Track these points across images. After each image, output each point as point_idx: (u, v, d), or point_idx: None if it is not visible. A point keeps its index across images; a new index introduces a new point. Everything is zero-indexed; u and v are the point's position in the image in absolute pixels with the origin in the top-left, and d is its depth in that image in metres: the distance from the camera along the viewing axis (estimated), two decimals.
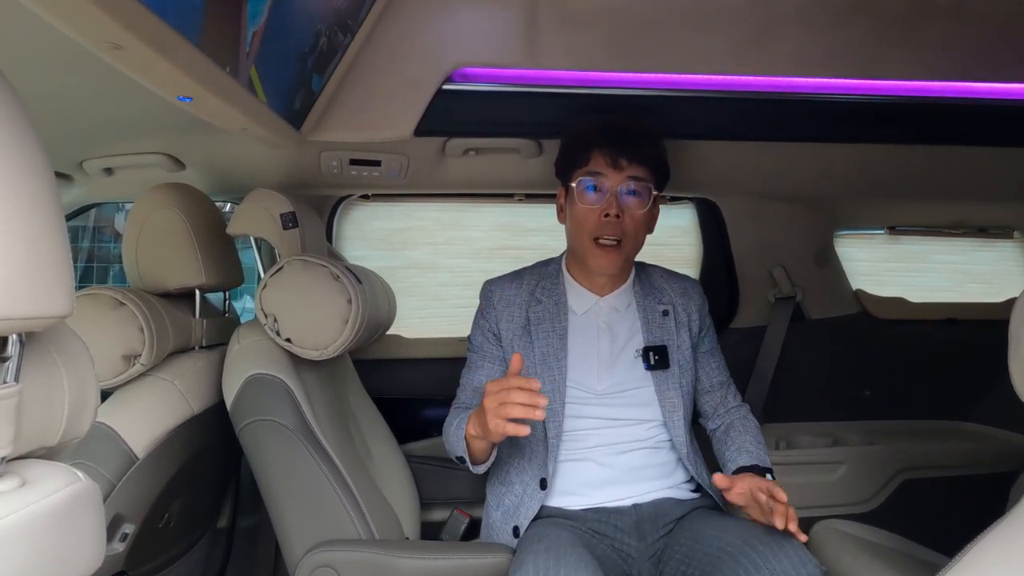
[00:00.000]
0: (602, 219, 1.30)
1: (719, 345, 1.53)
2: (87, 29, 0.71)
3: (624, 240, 1.32)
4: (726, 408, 1.47)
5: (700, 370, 1.47)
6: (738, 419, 1.44)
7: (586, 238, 1.33)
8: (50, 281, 0.51)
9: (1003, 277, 2.20)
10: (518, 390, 1.07)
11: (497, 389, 1.09)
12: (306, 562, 1.18)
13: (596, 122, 1.35)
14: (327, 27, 1.16)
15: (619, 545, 1.27)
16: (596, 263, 1.34)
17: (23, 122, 0.50)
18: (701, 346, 1.47)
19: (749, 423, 1.43)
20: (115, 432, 1.16)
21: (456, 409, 1.39)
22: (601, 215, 1.30)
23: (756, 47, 1.36)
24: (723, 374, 1.50)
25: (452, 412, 1.38)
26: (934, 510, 1.84)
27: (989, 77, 1.42)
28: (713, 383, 1.48)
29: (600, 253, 1.32)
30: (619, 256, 1.34)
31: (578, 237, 1.35)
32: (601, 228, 1.31)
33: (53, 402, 0.57)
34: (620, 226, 1.31)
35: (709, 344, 1.49)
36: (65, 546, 0.55)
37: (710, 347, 1.49)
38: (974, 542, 0.71)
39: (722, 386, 1.48)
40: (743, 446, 1.36)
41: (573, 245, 1.40)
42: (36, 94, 1.13)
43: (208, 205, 1.47)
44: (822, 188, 1.82)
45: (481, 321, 1.45)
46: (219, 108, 1.02)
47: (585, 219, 1.33)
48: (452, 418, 1.35)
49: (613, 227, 1.30)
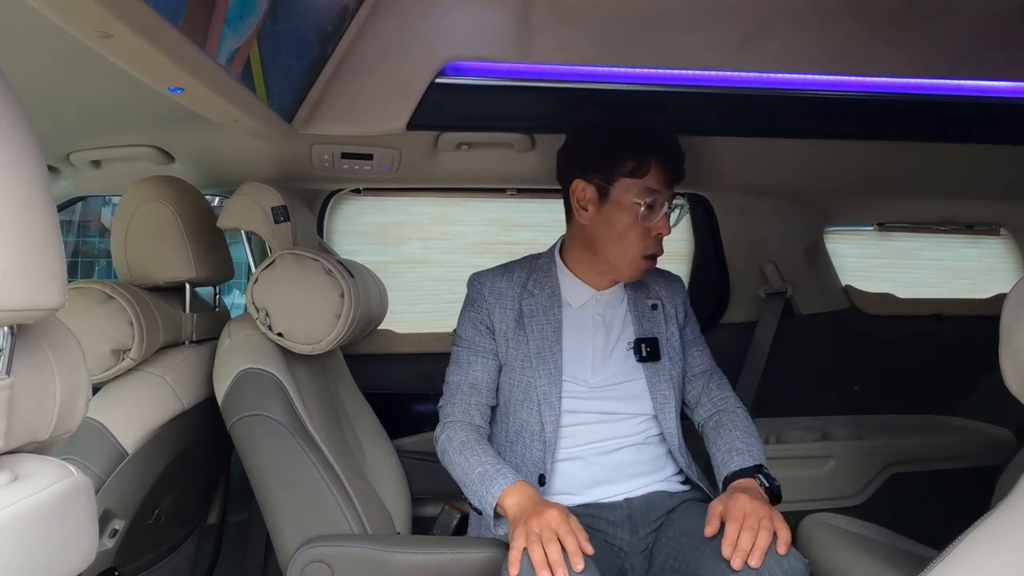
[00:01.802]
0: (655, 238, 1.31)
1: (704, 337, 1.53)
2: (76, 17, 0.70)
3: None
4: (710, 397, 1.44)
5: (685, 359, 1.46)
6: (726, 413, 1.40)
7: (633, 253, 1.31)
8: (42, 273, 0.51)
9: (987, 273, 2.22)
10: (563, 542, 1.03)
11: (558, 532, 1.04)
12: (298, 557, 1.18)
13: (646, 125, 1.32)
14: (322, 19, 1.15)
15: (611, 539, 1.28)
16: (636, 275, 1.35)
17: (15, 113, 0.49)
18: (684, 336, 1.48)
19: (738, 416, 1.38)
20: (104, 427, 1.14)
21: (453, 428, 1.30)
22: (652, 233, 1.30)
23: (748, 43, 1.36)
24: (707, 362, 1.48)
25: (449, 432, 1.30)
26: (922, 504, 1.87)
27: (978, 75, 1.44)
28: (696, 371, 1.46)
29: (646, 266, 1.33)
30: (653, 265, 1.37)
31: (619, 248, 1.31)
32: (654, 246, 1.32)
33: (44, 396, 0.56)
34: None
35: (692, 333, 1.50)
36: (57, 541, 0.54)
37: (693, 336, 1.49)
38: (962, 536, 0.72)
39: (704, 374, 1.46)
40: (733, 444, 1.31)
41: (601, 249, 1.33)
42: (23, 84, 1.11)
43: (198, 198, 1.46)
44: (812, 184, 1.83)
45: (472, 314, 1.40)
46: (210, 100, 1.01)
47: (638, 237, 1.30)
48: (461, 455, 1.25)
49: (660, 244, 1.33)
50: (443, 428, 1.33)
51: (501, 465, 1.21)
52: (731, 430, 1.34)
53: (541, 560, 1.01)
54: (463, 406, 1.35)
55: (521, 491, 1.15)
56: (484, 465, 1.21)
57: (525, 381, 1.33)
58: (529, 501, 1.12)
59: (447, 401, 1.37)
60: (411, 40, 1.33)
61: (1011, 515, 0.71)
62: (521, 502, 1.13)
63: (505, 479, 1.17)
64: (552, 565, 1.00)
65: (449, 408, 1.35)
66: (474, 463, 1.22)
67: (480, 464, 1.21)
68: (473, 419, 1.34)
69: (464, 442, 1.27)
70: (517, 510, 1.12)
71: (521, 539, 1.05)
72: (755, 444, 1.32)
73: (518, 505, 1.12)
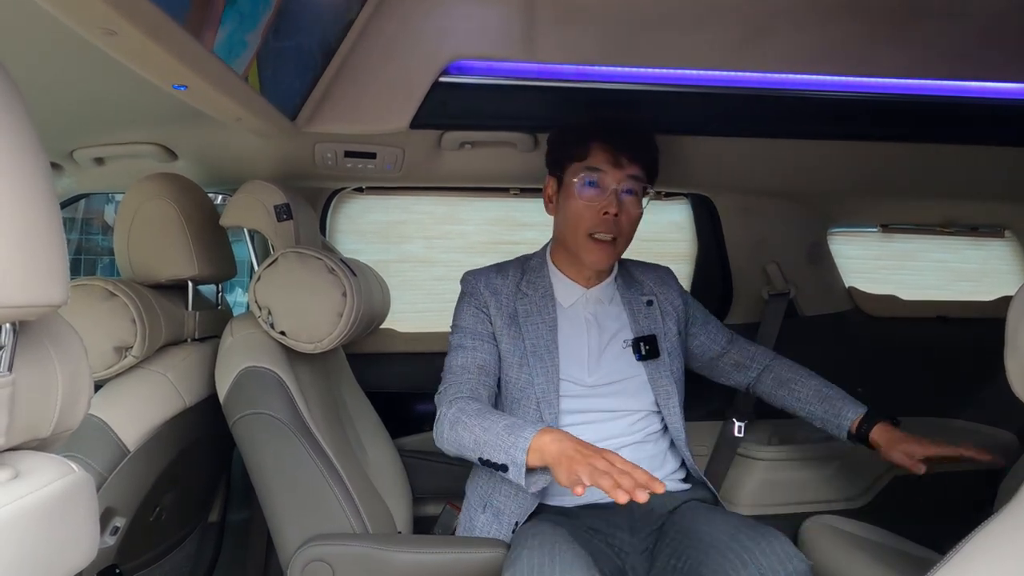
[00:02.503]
0: (600, 216, 1.30)
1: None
2: (81, 15, 0.70)
3: (619, 238, 1.33)
4: (750, 356, 1.55)
5: (705, 338, 1.53)
6: (777, 364, 1.52)
7: (581, 233, 1.33)
8: (44, 270, 0.51)
9: (992, 276, 2.21)
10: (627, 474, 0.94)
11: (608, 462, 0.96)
12: (299, 556, 1.17)
13: (594, 115, 1.35)
14: (325, 17, 1.15)
15: (612, 540, 1.27)
16: (589, 257, 1.34)
17: (19, 110, 0.49)
18: (695, 320, 1.51)
19: (792, 364, 1.52)
20: (106, 425, 1.14)
21: (464, 400, 1.23)
22: (600, 212, 1.30)
23: (752, 44, 1.36)
24: (727, 332, 1.57)
25: (461, 404, 1.21)
26: (924, 506, 1.86)
27: (980, 76, 1.43)
28: (723, 344, 1.54)
29: (594, 248, 1.32)
30: (613, 252, 1.34)
31: (571, 231, 1.35)
32: (598, 225, 1.31)
33: (46, 393, 0.56)
34: (617, 224, 1.31)
35: (701, 315, 1.54)
36: (59, 539, 0.54)
37: (703, 316, 1.55)
38: (967, 539, 0.71)
39: (732, 342, 1.55)
40: (822, 391, 1.45)
41: (564, 238, 1.38)
42: (26, 81, 1.11)
43: (201, 196, 1.46)
44: (816, 185, 1.83)
45: (470, 305, 1.38)
46: (214, 97, 1.01)
47: (581, 214, 1.32)
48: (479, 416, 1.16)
49: (609, 224, 1.31)
50: (452, 403, 1.23)
51: (527, 421, 1.15)
52: (807, 377, 1.48)
53: (613, 484, 0.92)
54: (471, 385, 1.28)
55: (558, 434, 1.05)
56: (508, 419, 1.13)
57: (523, 379, 1.33)
58: (575, 440, 1.03)
59: (451, 383, 1.29)
60: (414, 39, 1.33)
61: (1016, 519, 0.70)
62: (563, 439, 1.03)
63: (535, 426, 1.09)
64: (633, 487, 0.91)
65: (455, 388, 1.27)
66: (497, 419, 1.14)
67: (504, 419, 1.13)
68: (481, 397, 1.28)
69: (479, 409, 1.19)
70: (561, 447, 1.02)
71: (585, 472, 0.95)
72: (837, 388, 1.45)
73: (560, 443, 1.03)
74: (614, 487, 0.91)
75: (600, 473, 0.94)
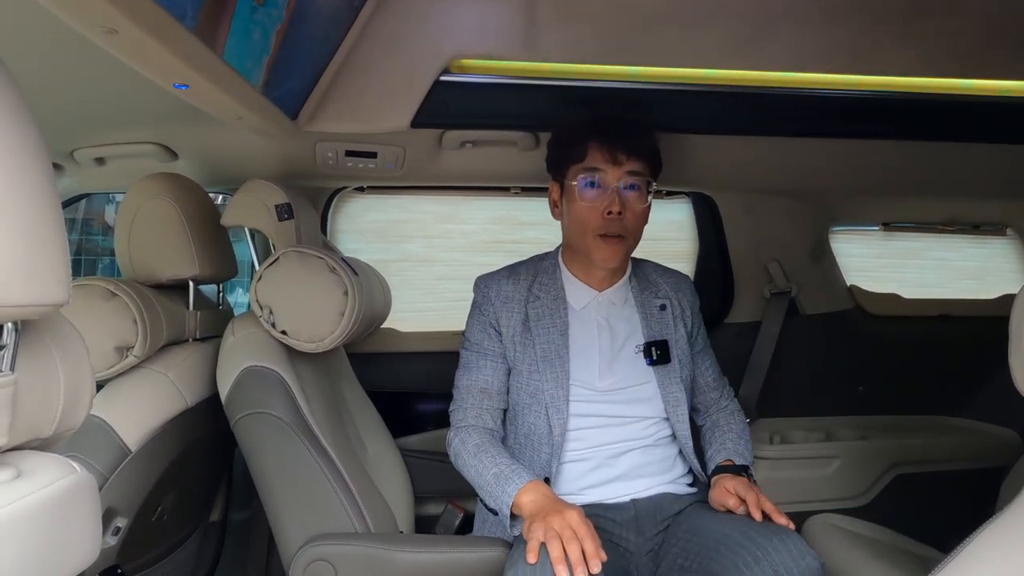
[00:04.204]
0: (605, 216, 1.29)
1: (711, 342, 1.53)
2: (81, 13, 0.69)
3: (627, 235, 1.32)
4: (718, 408, 1.49)
5: (695, 369, 1.47)
6: (723, 416, 1.46)
7: (588, 235, 1.32)
8: (46, 269, 0.50)
9: (993, 274, 2.21)
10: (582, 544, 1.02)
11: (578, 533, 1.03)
12: (301, 556, 1.17)
13: (588, 115, 1.34)
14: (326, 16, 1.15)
15: (617, 540, 1.27)
16: (599, 255, 1.33)
17: (20, 109, 0.49)
18: (695, 345, 1.47)
19: (734, 419, 1.45)
20: (108, 425, 1.14)
21: (467, 431, 1.30)
22: (603, 212, 1.29)
23: (753, 42, 1.36)
24: (716, 372, 1.51)
25: (463, 436, 1.30)
26: (926, 505, 1.86)
27: (983, 74, 1.43)
28: (708, 382, 1.49)
29: (603, 245, 1.31)
30: (622, 248, 1.33)
31: (579, 234, 1.34)
32: (603, 226, 1.30)
33: (48, 392, 0.56)
34: (622, 222, 1.30)
35: (702, 343, 1.50)
36: (61, 538, 0.54)
37: (703, 346, 1.50)
38: (970, 537, 0.71)
39: (714, 387, 1.49)
40: (723, 444, 1.40)
41: (573, 241, 1.38)
42: (27, 81, 1.11)
43: (202, 195, 1.46)
44: (817, 183, 1.83)
45: (479, 318, 1.40)
46: (215, 96, 1.00)
47: (586, 217, 1.31)
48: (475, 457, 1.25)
49: (616, 224, 1.30)
50: (456, 433, 1.32)
51: (516, 465, 1.20)
52: (725, 432, 1.43)
53: (560, 556, 1.00)
54: (475, 411, 1.34)
55: (537, 489, 1.15)
56: (498, 466, 1.21)
57: (533, 385, 1.33)
58: (547, 499, 1.12)
59: (458, 406, 1.36)
60: (415, 38, 1.33)
61: (1021, 517, 0.70)
62: (538, 499, 1.12)
63: (520, 478, 1.16)
64: (573, 563, 0.99)
65: (461, 413, 1.35)
66: (488, 464, 1.22)
67: (494, 465, 1.21)
68: (485, 423, 1.34)
69: (478, 445, 1.26)
70: (534, 507, 1.11)
71: (540, 532, 1.04)
72: (744, 447, 1.40)
73: (535, 503, 1.12)
74: (558, 559, 1.00)
75: (552, 536, 1.03)
